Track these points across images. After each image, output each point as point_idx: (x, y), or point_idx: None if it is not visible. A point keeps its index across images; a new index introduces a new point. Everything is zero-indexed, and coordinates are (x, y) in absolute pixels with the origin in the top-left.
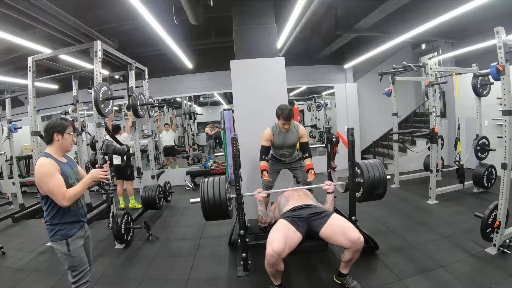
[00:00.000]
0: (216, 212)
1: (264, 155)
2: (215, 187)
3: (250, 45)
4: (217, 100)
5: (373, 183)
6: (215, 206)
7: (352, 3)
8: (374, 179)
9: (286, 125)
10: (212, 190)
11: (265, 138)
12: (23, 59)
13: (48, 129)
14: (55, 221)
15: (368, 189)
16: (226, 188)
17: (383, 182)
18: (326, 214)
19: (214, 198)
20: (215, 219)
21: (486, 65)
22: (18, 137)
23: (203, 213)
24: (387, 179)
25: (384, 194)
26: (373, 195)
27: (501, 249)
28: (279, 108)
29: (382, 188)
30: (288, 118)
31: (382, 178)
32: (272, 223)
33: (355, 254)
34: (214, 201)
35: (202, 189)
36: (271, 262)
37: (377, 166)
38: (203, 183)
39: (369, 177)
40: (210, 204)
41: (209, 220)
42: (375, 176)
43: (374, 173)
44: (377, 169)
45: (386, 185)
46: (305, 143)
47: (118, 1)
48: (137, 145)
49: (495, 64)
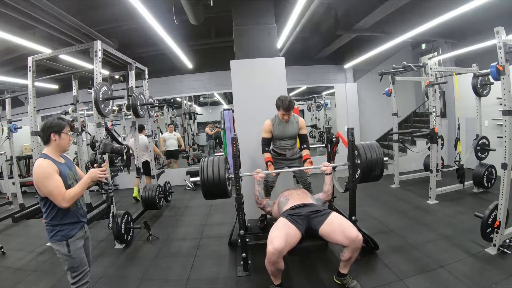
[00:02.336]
0: (215, 191)
1: (266, 147)
2: (215, 166)
3: (250, 45)
4: (217, 100)
5: (370, 165)
6: (214, 184)
7: (352, 3)
8: (371, 160)
9: (286, 116)
10: (212, 168)
11: (265, 129)
12: (23, 59)
13: (45, 129)
14: (55, 222)
15: (366, 170)
16: (225, 167)
17: (380, 163)
18: (325, 212)
19: (213, 176)
20: (214, 198)
21: (486, 65)
22: (18, 137)
23: (202, 192)
24: (384, 161)
25: (381, 175)
26: (370, 176)
27: (501, 249)
28: (279, 99)
29: (379, 169)
30: (288, 108)
31: (379, 160)
32: (268, 210)
33: (354, 252)
34: (214, 180)
35: (202, 168)
36: (272, 260)
37: (374, 148)
38: (203, 161)
39: (366, 158)
40: (209, 183)
41: (208, 199)
42: (372, 157)
43: (371, 154)
44: (374, 150)
45: (383, 167)
46: (304, 135)
47: (118, 1)
48: (137, 145)
49: (495, 64)
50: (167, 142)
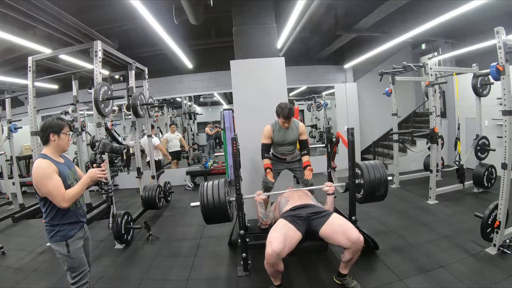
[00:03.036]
0: (216, 216)
1: (265, 153)
2: (215, 190)
3: (250, 45)
4: (217, 100)
5: (373, 184)
6: (214, 209)
7: (352, 3)
8: (374, 180)
9: (286, 123)
10: (212, 193)
11: (265, 135)
12: (23, 59)
13: (44, 129)
14: (54, 222)
15: (369, 190)
16: (225, 191)
17: (384, 183)
18: (326, 214)
19: (213, 201)
20: (215, 223)
21: (486, 65)
22: (18, 137)
23: (203, 217)
24: (388, 180)
25: (385, 195)
26: (374, 196)
27: (501, 249)
28: (279, 107)
29: (383, 189)
30: (288, 116)
31: (383, 179)
32: (272, 224)
33: (355, 254)
34: (214, 205)
35: (201, 193)
36: (271, 262)
37: (378, 167)
38: (202, 186)
39: (369, 178)
40: (210, 208)
41: (209, 224)
42: (375, 177)
43: (375, 174)
44: (377, 170)
45: (387, 186)
46: (304, 140)
47: (118, 1)
48: (137, 145)
49: (495, 64)
50: (170, 143)
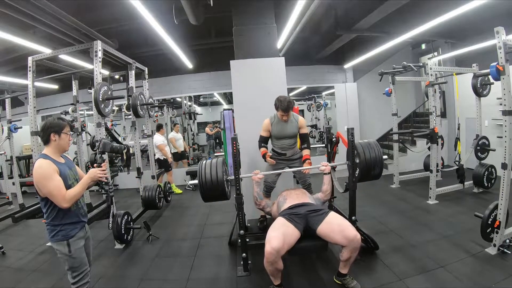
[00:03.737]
0: (214, 193)
1: (262, 143)
2: (213, 168)
3: (250, 45)
4: (217, 100)
5: (369, 163)
6: (212, 187)
7: (352, 3)
8: (370, 159)
9: (284, 116)
10: (210, 171)
11: (264, 128)
12: (23, 59)
13: (45, 129)
14: (55, 222)
15: (365, 169)
16: (223, 169)
17: (379, 162)
18: (324, 212)
19: (211, 179)
20: (213, 200)
21: (486, 65)
22: (18, 137)
23: (201, 194)
24: (383, 159)
25: (381, 174)
26: (370, 175)
27: (501, 249)
28: (278, 100)
29: (379, 168)
30: (286, 109)
31: (378, 158)
32: (267, 211)
33: (353, 252)
34: (212, 182)
35: (200, 171)
36: (270, 260)
37: (373, 147)
38: (201, 165)
39: (365, 158)
40: (208, 185)
41: (207, 201)
42: (371, 156)
43: (370, 153)
44: (373, 149)
45: (382, 166)
46: (304, 134)
47: (118, 1)
48: (137, 145)
49: (495, 64)
50: (177, 143)
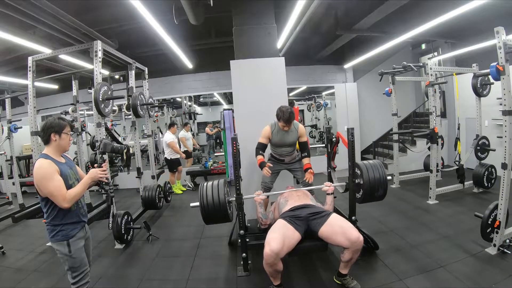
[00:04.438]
0: (216, 216)
1: (260, 151)
2: (214, 190)
3: (250, 45)
4: (217, 100)
5: (373, 185)
6: (214, 210)
7: (352, 3)
8: (374, 180)
9: (286, 127)
10: (212, 194)
11: (264, 135)
12: (23, 59)
13: (45, 129)
14: (56, 222)
15: (368, 190)
16: (225, 191)
17: (383, 183)
18: (325, 214)
19: (213, 202)
20: (215, 223)
21: (486, 65)
22: (18, 137)
23: (202, 217)
24: (388, 180)
25: (385, 195)
26: (373, 196)
27: (501, 249)
28: (280, 110)
29: (382, 189)
30: (288, 120)
31: (382, 179)
32: (272, 224)
33: (355, 254)
34: (214, 205)
35: (201, 193)
36: (269, 262)
37: (377, 167)
38: (202, 187)
39: (369, 178)
40: (209, 208)
41: (209, 224)
42: (375, 177)
43: (374, 174)
44: (377, 170)
45: (387, 187)
46: (304, 142)
47: (118, 1)
48: (137, 145)
49: (495, 64)
50: (187, 142)
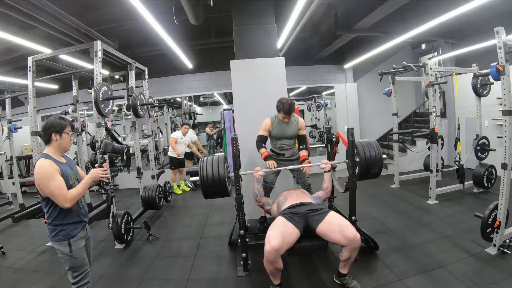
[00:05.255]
0: (215, 190)
1: (262, 143)
2: (214, 165)
3: (250, 45)
4: (217, 100)
5: (369, 162)
6: (214, 183)
7: (352, 3)
8: (370, 158)
9: (286, 118)
10: (211, 168)
11: (264, 127)
12: (23, 59)
13: (46, 129)
14: (57, 222)
15: (364, 168)
16: (224, 166)
17: (379, 161)
18: (324, 211)
19: (213, 176)
20: (214, 197)
21: (486, 65)
22: (18, 137)
23: (202, 191)
24: (383, 158)
25: (380, 173)
26: (369, 173)
27: (501, 249)
28: (280, 102)
29: (378, 167)
30: (288, 112)
31: (378, 157)
32: (267, 209)
33: (353, 252)
34: (213, 179)
35: (201, 167)
36: (270, 259)
37: (373, 146)
38: (202, 161)
39: (365, 156)
40: (209, 182)
41: (208, 198)
42: (371, 155)
43: (370, 152)
44: (373, 148)
45: (382, 165)
46: (302, 135)
47: (118, 1)
48: (137, 145)
49: (495, 64)
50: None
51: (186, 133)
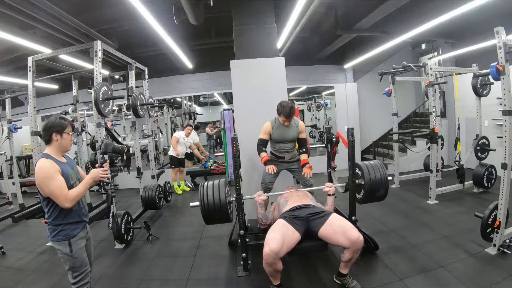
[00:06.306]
0: (216, 216)
1: (263, 147)
2: (215, 190)
3: (250, 45)
4: (217, 100)
5: (374, 185)
6: (215, 210)
7: (352, 3)
8: (375, 181)
9: (286, 122)
10: (212, 193)
11: (264, 131)
12: (23, 59)
13: (47, 129)
14: (57, 222)
15: (369, 191)
16: (225, 191)
17: (384, 184)
18: (325, 214)
19: (214, 202)
20: (215, 223)
21: (486, 65)
22: (18, 137)
23: (203, 217)
24: (389, 180)
25: (386, 195)
26: (374, 197)
27: (501, 249)
28: (280, 105)
29: (384, 189)
30: (289, 115)
31: (383, 180)
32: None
33: (355, 254)
34: (214, 205)
35: (201, 193)
36: (269, 262)
37: (378, 168)
38: (202, 186)
39: (370, 179)
40: (210, 208)
41: (209, 224)
42: (376, 177)
43: (375, 174)
44: (378, 170)
45: (388, 187)
46: (303, 139)
47: (118, 1)
48: (137, 145)
49: (495, 64)
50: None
51: (189, 135)
